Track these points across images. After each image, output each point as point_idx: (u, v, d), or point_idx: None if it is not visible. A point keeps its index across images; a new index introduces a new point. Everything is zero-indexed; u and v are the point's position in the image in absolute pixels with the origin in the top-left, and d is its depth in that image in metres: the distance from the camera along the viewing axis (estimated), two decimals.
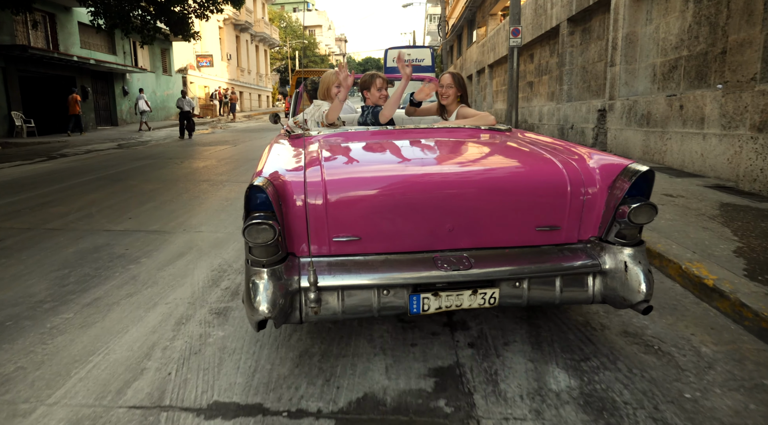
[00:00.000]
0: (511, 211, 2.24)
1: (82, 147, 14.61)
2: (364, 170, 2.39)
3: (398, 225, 2.18)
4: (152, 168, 9.73)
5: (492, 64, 22.02)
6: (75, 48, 19.69)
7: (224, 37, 37.05)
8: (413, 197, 2.16)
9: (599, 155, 2.44)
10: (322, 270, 2.08)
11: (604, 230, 2.28)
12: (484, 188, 2.24)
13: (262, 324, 2.02)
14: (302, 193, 2.12)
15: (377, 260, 2.16)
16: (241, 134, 19.22)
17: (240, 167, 9.67)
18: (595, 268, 2.21)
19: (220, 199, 6.57)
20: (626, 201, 2.17)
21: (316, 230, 2.13)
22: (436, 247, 2.22)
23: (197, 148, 13.85)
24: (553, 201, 2.25)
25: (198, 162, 10.59)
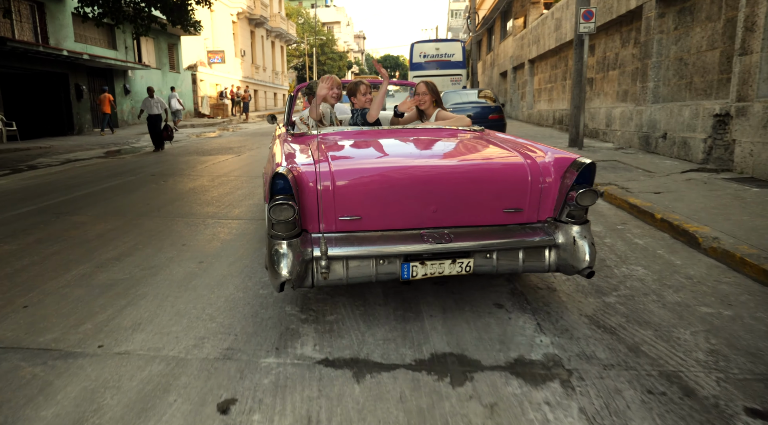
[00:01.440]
0: (483, 196, 2.81)
1: (62, 155, 12.47)
2: (363, 162, 2.99)
3: (392, 207, 2.72)
4: (121, 192, 7.46)
5: (534, 58, 19.47)
6: (68, 41, 17.64)
7: (238, 32, 34.94)
8: (404, 184, 2.72)
9: (553, 150, 2.99)
10: (330, 243, 2.60)
11: (557, 212, 2.85)
12: (461, 178, 2.81)
13: (282, 286, 2.56)
14: (315, 181, 2.62)
15: (375, 236, 2.70)
16: (250, 138, 16.96)
17: (237, 191, 7.35)
18: (551, 242, 2.80)
19: (196, 256, 4.24)
20: (574, 188, 2.75)
21: (325, 211, 2.65)
22: (423, 225, 2.77)
23: (192, 159, 11.58)
24: (516, 189, 2.82)
25: (185, 182, 8.29)
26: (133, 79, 22.16)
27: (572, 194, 2.75)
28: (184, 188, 7.65)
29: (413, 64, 23.48)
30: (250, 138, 16.79)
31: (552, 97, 17.34)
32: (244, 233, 5.05)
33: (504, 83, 26.70)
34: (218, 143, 15.17)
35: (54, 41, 16.91)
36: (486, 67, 31.56)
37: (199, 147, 14.10)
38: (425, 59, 23.20)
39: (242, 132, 20.00)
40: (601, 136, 12.00)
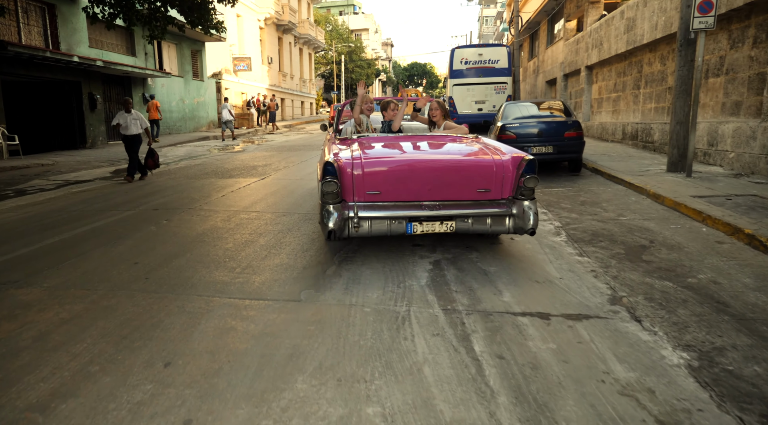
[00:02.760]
0: (464, 180, 4.30)
1: (62, 176, 10.86)
2: (384, 157, 4.56)
3: (401, 186, 4.23)
4: (108, 238, 5.65)
5: (593, 64, 17.31)
6: (82, 47, 16.22)
7: (265, 39, 33.53)
8: (410, 170, 4.27)
9: (511, 151, 4.50)
10: (360, 209, 4.09)
11: (514, 192, 4.29)
12: (448, 168, 4.36)
13: (330, 235, 4.05)
14: (350, 167, 4.16)
15: (389, 205, 4.20)
16: (277, 153, 15.19)
17: (259, 238, 5.48)
18: (509, 212, 4.22)
19: (183, 401, 2.33)
20: (524, 176, 4.20)
21: (357, 188, 4.18)
22: (421, 198, 4.26)
23: (208, 183, 9.79)
24: (486, 175, 4.29)
25: (193, 222, 6.46)
26: (153, 88, 20.72)
27: (522, 180, 4.23)
28: (191, 232, 5.80)
29: (453, 71, 21.52)
30: (276, 153, 15.02)
31: (618, 108, 15.17)
32: (270, 332, 3.15)
33: (551, 92, 24.52)
34: (241, 160, 13.42)
35: (66, 46, 15.48)
36: (528, 75, 29.40)
37: (219, 165, 12.35)
38: (467, 66, 21.22)
39: (268, 145, 18.28)
40: (702, 157, 9.82)
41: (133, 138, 10.04)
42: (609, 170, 9.24)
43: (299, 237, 5.51)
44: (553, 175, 9.85)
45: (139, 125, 10.08)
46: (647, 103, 13.11)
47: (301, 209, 7.00)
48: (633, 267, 4.38)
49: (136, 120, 10.02)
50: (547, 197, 7.65)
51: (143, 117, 10.30)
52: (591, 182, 8.89)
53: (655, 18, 11.99)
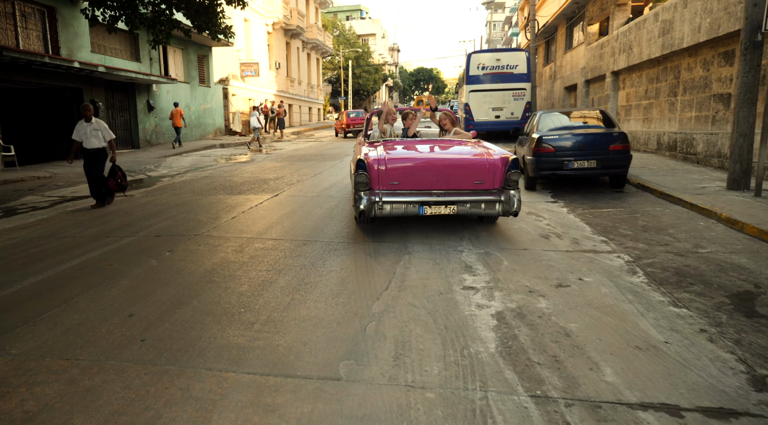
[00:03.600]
0: (464, 174, 5.53)
1: (59, 190, 10.05)
2: (402, 155, 5.77)
3: (415, 178, 5.45)
4: (98, 278, 4.80)
5: (620, 70, 16.41)
6: (83, 52, 15.47)
7: (273, 44, 32.82)
8: (422, 167, 5.52)
9: (501, 151, 5.81)
10: (383, 195, 5.34)
11: (502, 183, 5.50)
12: (452, 165, 5.65)
13: (361, 215, 5.42)
14: (377, 164, 5.41)
15: (406, 192, 5.42)
16: (288, 164, 14.35)
17: (278, 277, 4.62)
18: (499, 199, 5.41)
19: None
20: (509, 171, 5.44)
21: (381, 179, 5.41)
22: (431, 188, 5.46)
23: (216, 201, 8.96)
24: (481, 171, 5.50)
25: (200, 254, 5.61)
26: (158, 95, 19.96)
27: (508, 174, 5.51)
28: (198, 268, 4.93)
29: (469, 76, 20.67)
30: (287, 165, 14.17)
31: (650, 116, 14.25)
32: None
33: (570, 98, 23.61)
34: (250, 173, 12.59)
35: (66, 52, 14.73)
36: (543, 81, 28.51)
37: (227, 179, 11.52)
38: (483, 71, 20.38)
39: (277, 155, 17.45)
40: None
41: (95, 153, 8.28)
42: (659, 187, 8.33)
43: (326, 275, 4.64)
44: (593, 191, 8.96)
45: (101, 137, 8.32)
46: (686, 112, 12.20)
47: (322, 235, 6.14)
48: (754, 325, 3.48)
49: (97, 130, 8.30)
50: (599, 219, 6.75)
51: (106, 127, 8.50)
52: (641, 200, 7.98)
53: (697, 20, 11.10)
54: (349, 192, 8.97)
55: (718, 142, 10.35)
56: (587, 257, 5.13)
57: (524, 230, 6.33)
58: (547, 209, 7.54)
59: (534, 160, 8.74)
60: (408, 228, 6.36)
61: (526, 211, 7.44)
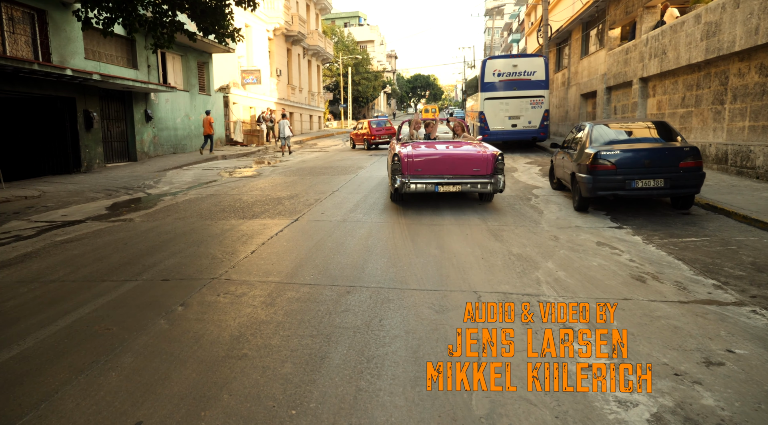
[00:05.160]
0: (467, 164, 8.19)
1: (48, 213, 8.90)
2: (424, 152, 8.37)
3: (432, 167, 8.19)
4: (75, 367, 3.66)
5: (649, 77, 15.43)
6: (77, 59, 14.35)
7: (274, 50, 31.79)
8: (437, 159, 8.32)
9: (493, 149, 8.37)
10: (410, 178, 8.10)
11: (492, 170, 8.10)
12: (459, 158, 8.39)
13: (395, 191, 8.38)
14: (406, 157, 8.14)
15: (426, 176, 8.13)
16: (300, 178, 13.24)
17: (331, 345, 3.53)
18: (490, 181, 8.08)
19: None
20: (497, 161, 8.13)
21: (410, 168, 8.12)
22: (443, 173, 8.14)
23: (226, 227, 7.84)
24: (479, 162, 8.14)
25: (221, 311, 4.51)
26: (156, 104, 18.85)
27: (495, 164, 8.03)
28: (221, 335, 3.79)
29: (484, 84, 19.65)
30: (298, 179, 13.06)
31: (689, 125, 13.24)
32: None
33: (587, 106, 22.63)
34: (260, 189, 11.46)
35: (58, 58, 13.61)
36: (555, 88, 27.52)
37: (236, 197, 10.39)
38: (500, 78, 19.37)
39: (285, 167, 16.33)
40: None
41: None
42: (739, 210, 7.27)
43: (390, 344, 3.54)
44: (656, 213, 7.90)
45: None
46: (736, 121, 11.19)
47: (366, 276, 5.04)
48: None
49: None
50: (690, 253, 5.67)
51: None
52: (723, 226, 6.91)
53: (754, 21, 10.10)
54: (379, 217, 7.98)
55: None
56: (714, 313, 4.05)
57: (607, 268, 5.25)
58: (617, 239, 6.46)
59: (590, 178, 7.66)
60: (470, 273, 5.26)
61: (594, 240, 6.36)
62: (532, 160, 16.68)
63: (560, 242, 6.36)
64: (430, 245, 6.31)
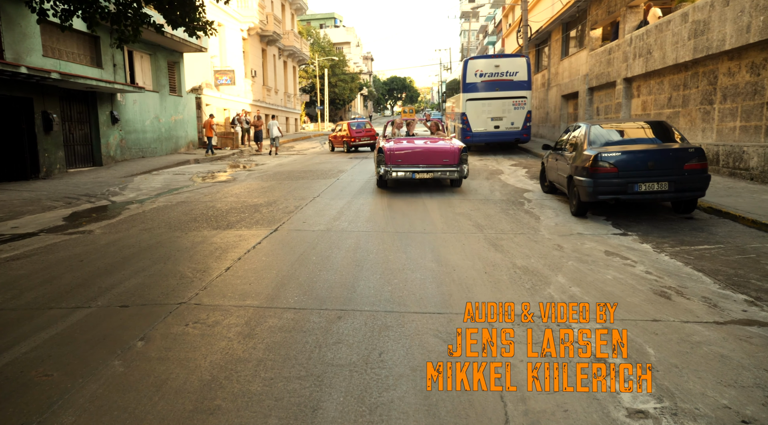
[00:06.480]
0: (439, 156, 10.11)
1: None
2: (403, 146, 10.32)
3: (410, 158, 10.09)
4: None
5: (634, 77, 15.18)
6: (34, 56, 13.37)
7: (248, 50, 30.89)
8: (414, 152, 10.22)
9: (459, 143, 10.46)
10: (391, 167, 10.04)
11: (458, 161, 10.01)
12: (433, 151, 10.25)
13: (380, 178, 10.40)
14: (389, 150, 10.11)
15: (405, 166, 10.04)
16: (277, 183, 12.52)
17: (323, 392, 2.86)
18: (457, 170, 10.05)
19: None
20: (461, 154, 10.08)
21: (391, 159, 10.05)
22: (419, 164, 10.03)
23: (198, 240, 7.13)
24: (448, 154, 10.08)
25: (190, 346, 3.84)
26: (123, 105, 17.86)
27: (461, 155, 9.99)
28: (189, 380, 3.12)
29: (466, 84, 19.24)
30: (276, 184, 12.35)
31: (676, 125, 12.96)
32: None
33: (568, 107, 22.40)
34: (235, 195, 10.72)
35: (12, 55, 12.62)
36: (535, 89, 27.24)
37: (209, 205, 9.64)
38: (482, 79, 18.97)
39: (261, 171, 15.58)
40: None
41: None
42: (746, 214, 6.88)
43: (395, 386, 2.94)
44: (658, 217, 7.47)
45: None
46: (727, 121, 10.92)
47: (357, 297, 4.43)
48: None
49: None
50: (707, 263, 5.20)
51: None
52: (734, 232, 6.50)
53: (745, 19, 9.82)
54: (366, 226, 7.37)
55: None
56: (759, 337, 3.56)
57: (624, 282, 4.74)
58: (625, 247, 5.98)
59: (590, 182, 7.18)
60: (474, 291, 4.70)
61: (602, 249, 5.87)
62: (516, 162, 16.29)
63: (565, 251, 5.84)
64: (425, 256, 5.73)
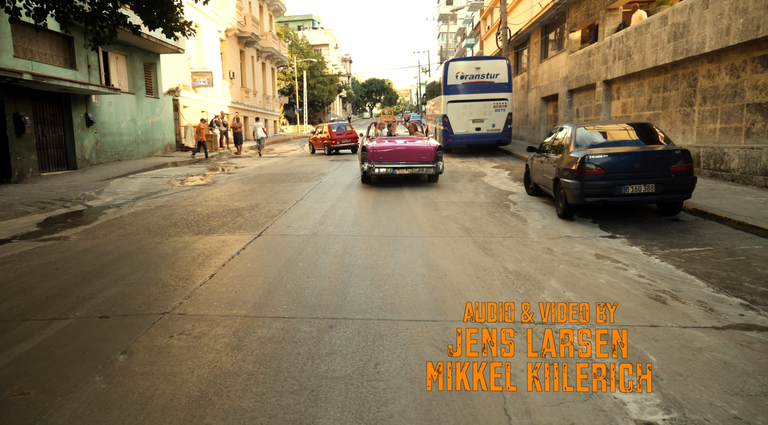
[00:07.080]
0: (417, 154, 11.36)
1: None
2: (385, 145, 11.54)
3: (391, 156, 11.33)
4: None
5: (613, 79, 15.34)
6: (5, 56, 12.91)
7: (226, 52, 30.46)
8: (395, 150, 11.43)
9: (435, 142, 11.85)
10: (375, 164, 11.25)
11: (434, 158, 11.29)
12: (412, 149, 11.46)
13: (364, 174, 11.61)
14: (372, 149, 11.35)
15: (386, 163, 11.28)
16: (259, 186, 12.29)
17: (319, 408, 2.71)
18: (433, 167, 11.32)
19: None
20: (437, 152, 11.36)
21: (374, 156, 11.29)
22: (399, 161, 11.29)
23: (180, 243, 6.92)
24: (425, 152, 11.33)
25: (175, 360, 3.66)
26: (98, 107, 17.39)
27: (437, 152, 11.29)
28: (176, 397, 2.94)
29: (447, 86, 19.22)
30: (257, 187, 12.12)
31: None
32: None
33: (547, 109, 22.57)
34: (216, 199, 10.48)
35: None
36: (515, 91, 27.40)
37: (189, 209, 9.39)
38: (463, 81, 18.98)
39: (241, 174, 15.30)
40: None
41: None
42: (731, 215, 6.93)
43: (393, 400, 2.82)
44: (644, 219, 7.49)
45: None
46: (707, 123, 11.07)
47: (348, 304, 4.29)
48: None
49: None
50: (698, 265, 5.20)
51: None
52: (721, 234, 6.53)
53: (724, 21, 9.96)
54: (352, 229, 7.23)
55: (762, 157, 9.16)
56: (760, 342, 3.52)
57: (618, 286, 4.69)
58: (615, 250, 5.95)
59: (578, 184, 7.16)
60: (467, 297, 4.59)
61: (592, 252, 5.83)
62: (498, 164, 16.31)
63: (556, 255, 5.79)
64: (415, 261, 5.61)
